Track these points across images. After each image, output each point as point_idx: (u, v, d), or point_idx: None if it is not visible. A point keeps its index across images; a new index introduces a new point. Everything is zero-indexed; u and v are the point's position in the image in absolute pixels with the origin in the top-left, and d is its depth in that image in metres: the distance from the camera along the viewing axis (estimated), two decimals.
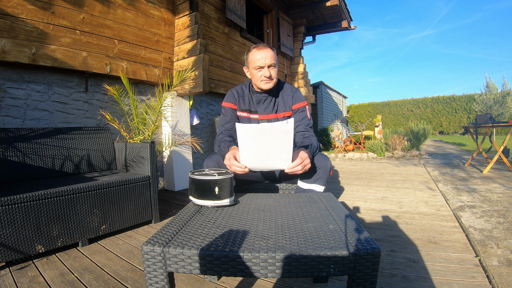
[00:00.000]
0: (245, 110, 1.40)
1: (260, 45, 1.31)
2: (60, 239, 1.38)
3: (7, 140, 1.61)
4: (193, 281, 1.14)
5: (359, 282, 0.62)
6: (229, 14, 3.72)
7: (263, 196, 1.10)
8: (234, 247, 0.63)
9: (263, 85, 1.31)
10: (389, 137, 6.04)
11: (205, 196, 0.93)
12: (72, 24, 2.18)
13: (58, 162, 1.77)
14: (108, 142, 2.06)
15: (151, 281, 0.65)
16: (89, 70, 2.29)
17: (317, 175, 1.22)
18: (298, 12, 5.73)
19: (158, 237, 0.69)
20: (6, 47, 1.83)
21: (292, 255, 0.60)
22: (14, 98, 1.96)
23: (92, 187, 1.50)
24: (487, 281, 1.09)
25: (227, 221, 0.81)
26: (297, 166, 1.04)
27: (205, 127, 3.67)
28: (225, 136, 1.32)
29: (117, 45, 2.49)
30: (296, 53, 5.76)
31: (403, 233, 1.63)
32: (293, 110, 1.40)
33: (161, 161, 3.01)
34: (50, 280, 1.14)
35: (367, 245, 0.63)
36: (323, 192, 1.19)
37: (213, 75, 3.53)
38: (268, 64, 1.27)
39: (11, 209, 1.22)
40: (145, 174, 1.81)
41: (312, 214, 0.87)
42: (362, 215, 2.00)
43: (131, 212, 1.71)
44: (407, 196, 2.51)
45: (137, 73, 2.66)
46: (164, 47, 2.94)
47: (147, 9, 2.77)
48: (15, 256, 1.24)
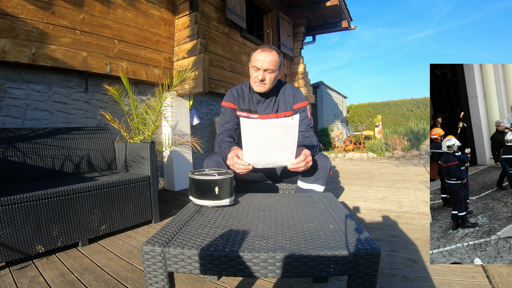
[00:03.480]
0: (245, 110, 1.40)
1: (266, 47, 1.28)
2: (60, 239, 1.38)
3: (7, 140, 1.61)
4: (193, 281, 1.14)
5: (359, 282, 0.62)
6: (229, 14, 3.72)
7: (263, 196, 1.10)
8: (234, 247, 0.63)
9: (255, 86, 1.31)
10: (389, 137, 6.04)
11: (205, 196, 0.93)
12: (72, 24, 2.18)
13: (58, 162, 1.77)
14: (108, 142, 2.06)
15: (151, 281, 0.65)
16: (89, 70, 2.29)
17: (317, 175, 1.22)
18: (298, 12, 5.73)
19: (158, 237, 0.69)
20: (6, 47, 1.83)
21: (292, 255, 0.60)
22: (14, 98, 1.96)
23: (92, 187, 1.50)
24: (487, 281, 1.09)
25: (227, 221, 0.81)
26: (301, 163, 1.04)
27: (205, 127, 3.67)
28: (225, 136, 1.32)
29: (117, 45, 2.49)
30: (296, 53, 5.76)
31: (403, 233, 1.62)
32: (294, 109, 1.40)
33: (161, 161, 3.01)
34: (50, 280, 1.14)
35: (367, 245, 0.63)
36: (323, 192, 1.19)
37: (213, 75, 3.53)
38: (265, 67, 1.25)
39: (11, 209, 1.22)
40: (145, 174, 1.81)
41: (312, 214, 0.87)
42: (362, 215, 2.00)
43: (131, 212, 1.70)
44: (407, 196, 2.51)
45: (137, 73, 2.66)
46: (164, 47, 2.94)
47: (147, 9, 2.77)
48: (15, 256, 1.24)
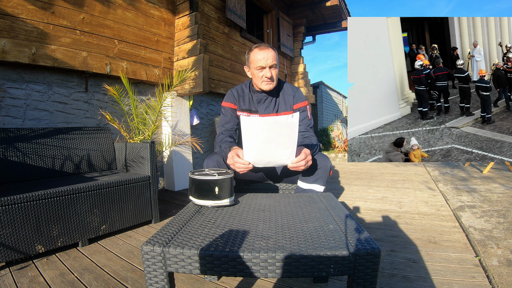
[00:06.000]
0: (245, 110, 1.40)
1: (262, 45, 1.30)
2: (60, 239, 1.38)
3: (7, 140, 1.61)
4: (193, 281, 1.14)
5: (359, 282, 0.62)
6: (229, 14, 3.72)
7: (263, 196, 1.10)
8: (234, 247, 0.63)
9: (264, 86, 1.31)
10: None
11: (205, 196, 0.93)
12: (72, 24, 2.18)
13: (58, 162, 1.77)
14: (108, 142, 2.06)
15: (151, 281, 0.65)
16: (89, 70, 2.29)
17: (317, 175, 1.22)
18: (298, 12, 5.73)
19: (158, 237, 0.69)
20: (6, 47, 1.83)
21: (292, 255, 0.60)
22: (14, 98, 1.96)
23: (92, 187, 1.50)
24: (487, 281, 1.09)
25: (227, 221, 0.81)
26: (301, 162, 1.04)
27: (205, 127, 3.67)
28: (225, 136, 1.32)
29: (117, 45, 2.49)
30: (296, 53, 5.76)
31: (403, 233, 1.63)
32: (294, 109, 1.40)
33: (161, 161, 3.01)
34: (50, 280, 1.14)
35: (367, 245, 0.63)
36: (323, 192, 1.19)
37: (213, 75, 3.53)
38: (270, 64, 1.27)
39: (11, 209, 1.22)
40: (145, 174, 1.81)
41: (312, 214, 0.87)
42: (362, 215, 2.00)
43: (131, 212, 1.70)
44: (407, 196, 2.51)
45: (137, 73, 2.66)
46: (164, 47, 2.94)
47: (147, 9, 2.77)
48: (15, 256, 1.24)
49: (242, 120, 0.94)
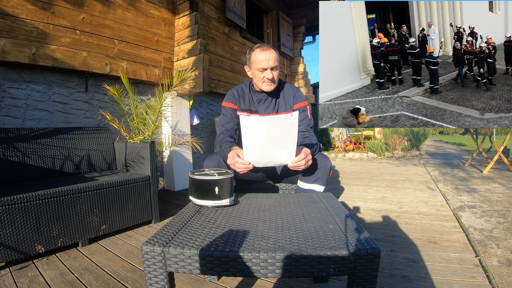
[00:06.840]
0: (245, 110, 1.40)
1: (263, 45, 1.30)
2: (60, 239, 1.38)
3: (7, 140, 1.61)
4: (193, 281, 1.14)
5: (359, 282, 0.62)
6: (229, 14, 3.72)
7: (263, 196, 1.10)
8: (234, 247, 0.63)
9: (265, 87, 1.31)
10: (389, 137, 6.04)
11: (205, 196, 0.93)
12: (72, 24, 2.18)
13: (58, 162, 1.77)
14: (108, 142, 2.06)
15: (151, 281, 0.65)
16: (89, 70, 2.29)
17: (317, 175, 1.22)
18: (298, 12, 5.73)
19: (158, 237, 0.69)
20: (6, 47, 1.83)
21: (292, 255, 0.60)
22: (14, 98, 1.96)
23: (92, 187, 1.50)
24: (487, 281, 1.09)
25: (227, 221, 0.81)
26: (301, 161, 1.03)
27: (205, 127, 3.67)
28: (225, 136, 1.32)
29: (117, 45, 2.49)
30: (296, 53, 5.76)
31: (403, 233, 1.63)
32: (294, 109, 1.40)
33: (161, 161, 3.01)
34: (50, 280, 1.14)
35: (367, 245, 0.63)
36: (323, 192, 1.19)
37: (213, 75, 3.53)
38: (271, 66, 1.27)
39: (11, 209, 1.22)
40: (145, 174, 1.81)
41: (312, 214, 0.87)
42: (362, 215, 2.00)
43: (131, 212, 1.70)
44: (407, 196, 2.51)
45: (137, 73, 2.66)
46: (164, 47, 2.94)
47: (147, 9, 2.77)
48: (15, 256, 1.24)
49: (241, 120, 0.94)
